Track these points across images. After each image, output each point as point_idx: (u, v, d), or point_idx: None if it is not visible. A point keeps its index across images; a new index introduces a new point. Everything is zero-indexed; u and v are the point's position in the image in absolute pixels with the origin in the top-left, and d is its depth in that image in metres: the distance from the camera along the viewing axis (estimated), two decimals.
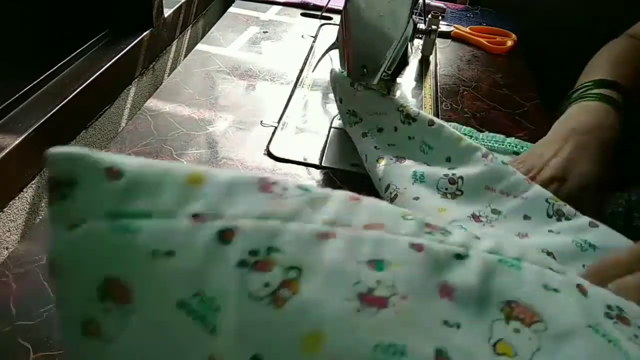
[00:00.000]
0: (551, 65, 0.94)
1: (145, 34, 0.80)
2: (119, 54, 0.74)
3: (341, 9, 0.56)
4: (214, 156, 0.56)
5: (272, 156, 0.57)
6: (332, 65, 0.76)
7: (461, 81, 0.76)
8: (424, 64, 0.80)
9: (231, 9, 0.93)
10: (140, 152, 0.56)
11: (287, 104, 0.67)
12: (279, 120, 0.63)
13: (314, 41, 0.84)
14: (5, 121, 0.58)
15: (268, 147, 0.58)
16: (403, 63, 0.78)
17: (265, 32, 0.86)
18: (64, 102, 0.62)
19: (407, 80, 0.76)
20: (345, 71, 0.58)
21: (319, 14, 0.93)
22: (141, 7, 0.80)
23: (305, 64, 0.77)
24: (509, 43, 0.86)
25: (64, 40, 0.73)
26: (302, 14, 0.94)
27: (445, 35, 0.89)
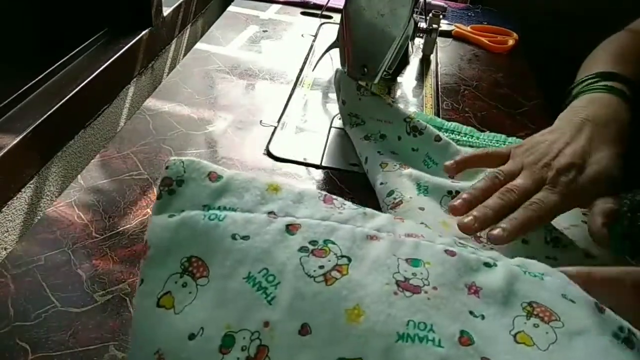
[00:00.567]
0: (552, 65, 0.94)
1: (144, 33, 0.80)
2: (117, 53, 0.73)
3: (341, 7, 0.55)
4: (213, 156, 0.56)
5: (271, 156, 0.57)
6: (332, 64, 0.76)
7: (462, 80, 0.76)
8: (424, 63, 0.80)
9: (230, 8, 0.93)
10: (139, 152, 0.55)
11: (286, 104, 0.67)
12: (279, 120, 0.63)
13: (314, 40, 0.84)
14: (4, 121, 0.57)
15: (268, 146, 0.58)
16: (404, 62, 0.78)
17: (265, 31, 0.86)
18: (63, 101, 0.62)
19: (407, 79, 0.76)
20: (346, 70, 0.57)
21: (319, 12, 0.92)
22: (140, 6, 0.79)
23: (305, 63, 0.77)
24: (510, 42, 0.86)
25: (62, 39, 0.73)
26: (302, 13, 0.94)
27: (446, 34, 0.88)
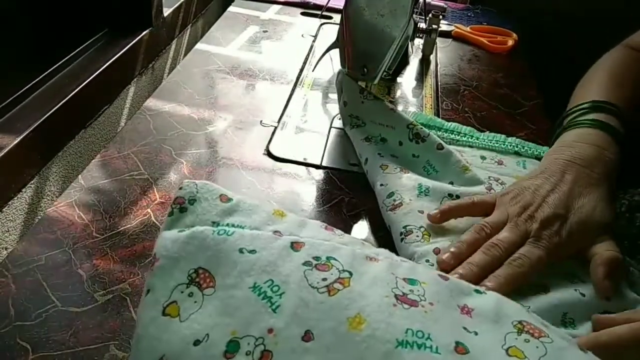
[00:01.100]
0: (552, 65, 0.94)
1: (144, 33, 0.80)
2: (118, 53, 0.73)
3: (341, 8, 0.56)
4: (213, 156, 0.56)
5: (271, 156, 0.57)
6: (332, 64, 0.76)
7: (462, 81, 0.76)
8: (424, 63, 0.80)
9: (231, 8, 0.93)
10: (140, 152, 0.55)
11: (287, 104, 0.67)
12: (279, 120, 0.63)
13: (314, 40, 0.84)
14: (4, 121, 0.58)
15: (268, 147, 0.58)
16: (404, 62, 0.78)
17: (265, 32, 0.86)
18: (63, 101, 0.62)
19: (407, 79, 0.76)
20: (347, 71, 0.58)
21: (319, 13, 0.93)
22: (140, 6, 0.79)
23: (305, 63, 0.77)
24: (510, 42, 0.86)
25: (63, 40, 0.73)
26: (302, 13, 0.94)
27: (446, 34, 0.88)
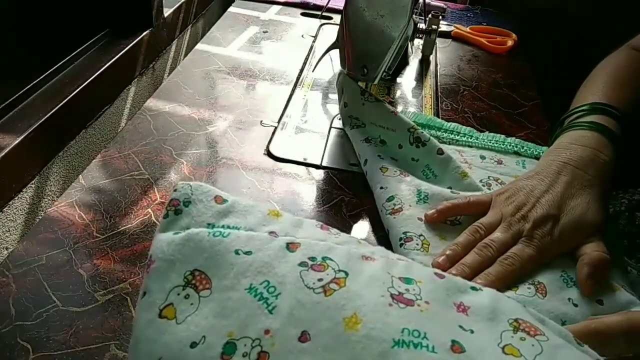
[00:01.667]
0: (551, 65, 0.94)
1: (145, 33, 0.80)
2: (118, 54, 0.73)
3: (341, 8, 0.56)
4: (213, 156, 0.56)
5: (272, 156, 0.57)
6: (332, 65, 0.76)
7: (461, 81, 0.76)
8: (424, 63, 0.80)
9: (231, 9, 0.93)
10: (140, 152, 0.55)
11: (287, 104, 0.67)
12: (279, 120, 0.63)
13: (314, 41, 0.84)
14: (5, 121, 0.58)
15: (268, 147, 0.58)
16: (403, 63, 0.78)
17: (265, 32, 0.86)
18: (64, 101, 0.62)
19: (407, 79, 0.76)
20: (346, 70, 0.58)
21: (319, 13, 0.93)
22: (141, 7, 0.80)
23: (305, 63, 0.77)
24: (510, 43, 0.86)
25: (63, 40, 0.73)
26: (302, 14, 0.94)
27: (445, 35, 0.89)
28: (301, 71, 0.75)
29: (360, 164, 0.55)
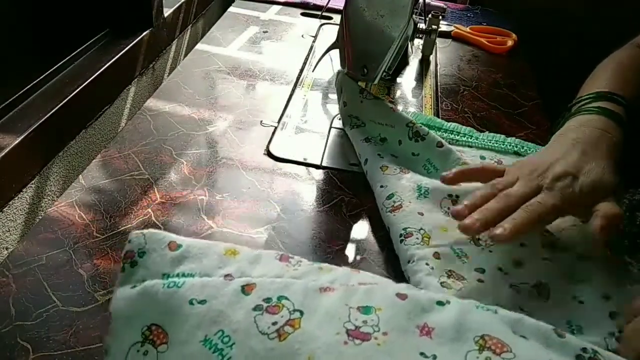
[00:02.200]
0: (551, 65, 0.94)
1: (145, 33, 0.80)
2: (118, 54, 0.73)
3: (341, 8, 0.56)
4: (213, 156, 0.56)
5: (272, 156, 0.57)
6: (332, 65, 0.76)
7: (461, 81, 0.76)
8: (424, 63, 0.80)
9: (231, 9, 0.93)
10: (140, 152, 0.55)
11: (287, 104, 0.67)
12: (279, 120, 0.63)
13: (314, 41, 0.84)
14: (5, 121, 0.58)
15: (268, 147, 0.58)
16: (403, 63, 0.78)
17: (265, 32, 0.86)
18: (64, 101, 0.62)
19: (407, 79, 0.76)
20: (346, 70, 0.58)
21: (319, 13, 0.93)
22: (141, 7, 0.80)
23: (305, 63, 0.77)
24: (509, 43, 0.86)
25: (63, 40, 0.73)
26: (302, 14, 0.94)
27: (445, 35, 0.89)
28: (301, 71, 0.75)
29: (361, 163, 0.55)
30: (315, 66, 0.75)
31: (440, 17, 0.78)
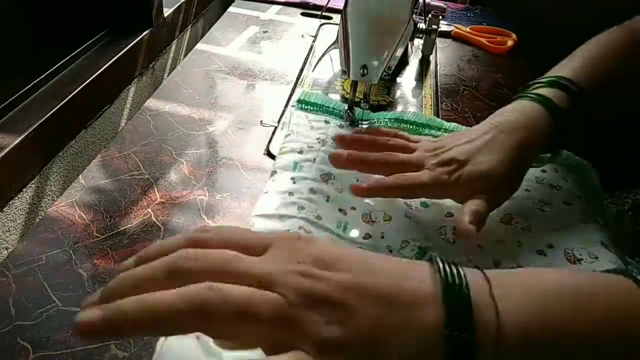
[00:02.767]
0: (551, 65, 0.94)
1: (145, 33, 0.80)
2: (118, 54, 0.73)
3: (341, 8, 0.56)
4: (213, 156, 0.56)
5: (271, 156, 0.57)
6: (332, 64, 0.76)
7: (461, 81, 0.76)
8: (424, 63, 0.80)
9: (231, 9, 0.93)
10: (140, 152, 0.55)
11: (287, 104, 0.67)
12: (279, 120, 0.63)
13: (314, 41, 0.84)
14: (5, 121, 0.58)
15: (268, 147, 0.58)
16: (403, 63, 0.78)
17: (265, 32, 0.86)
18: (64, 101, 0.62)
19: (407, 80, 0.76)
20: (346, 71, 0.58)
21: (319, 13, 0.93)
22: (141, 7, 0.80)
23: (305, 63, 0.77)
24: (510, 43, 0.86)
25: (63, 40, 0.73)
26: (302, 14, 0.94)
27: (445, 35, 0.89)
28: (301, 71, 0.75)
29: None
30: (315, 66, 0.75)
31: (440, 17, 0.78)
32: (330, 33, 0.87)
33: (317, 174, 0.51)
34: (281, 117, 0.64)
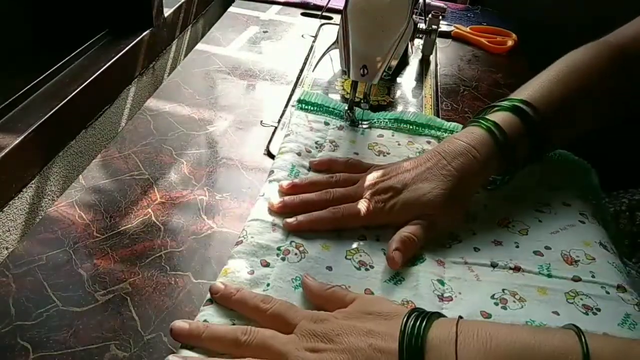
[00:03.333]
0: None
1: (145, 33, 0.80)
2: (118, 54, 0.73)
3: (341, 8, 0.56)
4: (213, 156, 0.56)
5: (271, 156, 0.57)
6: (332, 64, 0.76)
7: (461, 81, 0.76)
8: (424, 63, 0.80)
9: (231, 9, 0.93)
10: (140, 152, 0.56)
11: (287, 104, 0.67)
12: (279, 120, 0.63)
13: (314, 41, 0.84)
14: (5, 121, 0.58)
15: (268, 147, 0.58)
16: (403, 63, 0.78)
17: (265, 32, 0.86)
18: (64, 102, 0.62)
19: (407, 80, 0.76)
20: (346, 71, 0.58)
21: (319, 13, 0.93)
22: (141, 7, 0.80)
23: (305, 63, 0.77)
24: (510, 43, 0.86)
25: (63, 40, 0.73)
26: (302, 14, 0.94)
27: (445, 35, 0.89)
28: (301, 71, 0.75)
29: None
30: (315, 66, 0.75)
31: (440, 17, 0.78)
32: (330, 33, 0.87)
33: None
34: (281, 117, 0.64)
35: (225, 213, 0.49)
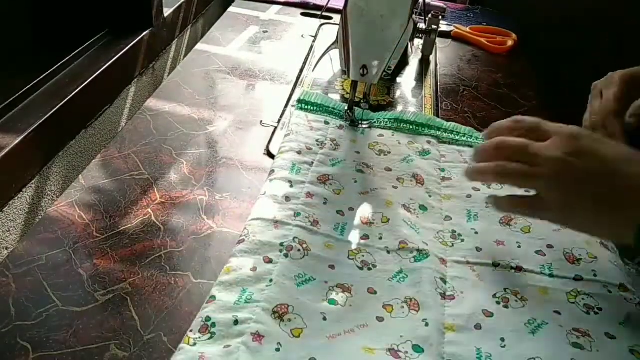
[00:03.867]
0: (551, 65, 0.94)
1: (145, 33, 0.80)
2: (118, 54, 0.73)
3: (341, 8, 0.56)
4: (213, 156, 0.56)
5: (271, 156, 0.57)
6: (332, 64, 0.76)
7: (461, 81, 0.76)
8: (424, 63, 0.80)
9: (231, 9, 0.93)
10: (140, 152, 0.55)
11: (287, 104, 0.67)
12: (279, 120, 0.63)
13: (314, 41, 0.84)
14: (5, 121, 0.58)
15: (268, 146, 0.58)
16: (403, 63, 0.78)
17: (265, 32, 0.86)
18: (64, 102, 0.62)
19: (407, 80, 0.76)
20: (346, 71, 0.58)
21: (319, 13, 0.93)
22: (141, 7, 0.80)
23: (305, 63, 0.77)
24: (510, 43, 0.86)
25: (63, 40, 0.73)
26: (302, 14, 0.94)
27: (445, 35, 0.89)
28: (301, 71, 0.75)
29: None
30: (315, 66, 0.75)
31: (440, 17, 0.78)
32: (330, 33, 0.87)
33: (315, 177, 0.51)
34: (281, 117, 0.64)
35: (225, 213, 0.49)
